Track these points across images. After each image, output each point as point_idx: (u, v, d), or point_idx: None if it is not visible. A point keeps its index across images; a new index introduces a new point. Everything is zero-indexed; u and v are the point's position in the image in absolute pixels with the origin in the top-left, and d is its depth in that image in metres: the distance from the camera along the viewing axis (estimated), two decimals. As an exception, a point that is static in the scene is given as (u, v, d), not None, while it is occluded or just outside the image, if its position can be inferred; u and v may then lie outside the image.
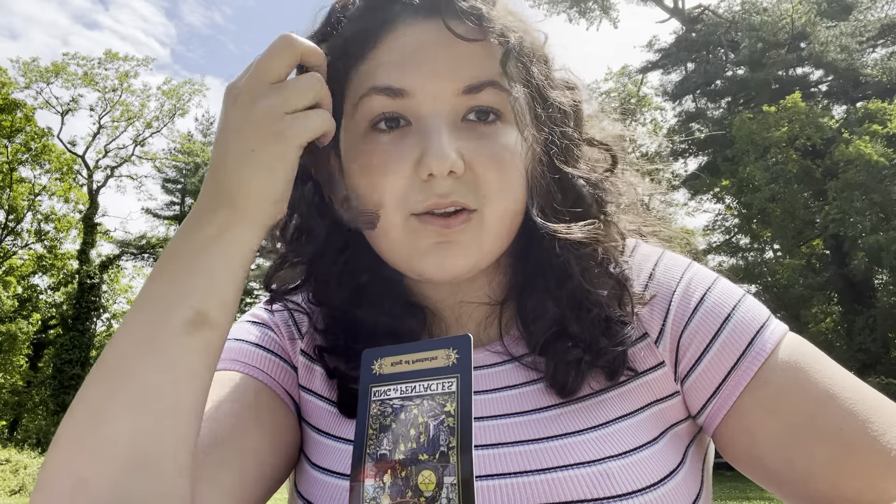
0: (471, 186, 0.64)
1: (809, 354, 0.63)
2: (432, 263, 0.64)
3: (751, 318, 0.65)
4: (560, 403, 0.65)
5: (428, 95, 0.63)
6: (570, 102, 0.72)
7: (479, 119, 0.65)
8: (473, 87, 0.63)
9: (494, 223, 0.65)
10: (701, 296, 0.67)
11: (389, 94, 0.63)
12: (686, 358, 0.66)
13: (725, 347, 0.64)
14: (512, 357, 0.71)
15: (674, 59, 23.25)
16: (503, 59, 0.64)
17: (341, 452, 0.68)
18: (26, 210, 28.02)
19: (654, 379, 0.66)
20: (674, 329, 0.66)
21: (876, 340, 16.76)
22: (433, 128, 0.62)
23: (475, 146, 0.64)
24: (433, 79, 0.63)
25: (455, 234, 0.63)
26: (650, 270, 0.70)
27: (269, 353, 0.74)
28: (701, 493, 0.64)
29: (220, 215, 0.57)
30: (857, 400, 0.60)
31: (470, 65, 0.64)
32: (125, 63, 28.89)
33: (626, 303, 0.67)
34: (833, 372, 0.62)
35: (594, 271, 0.67)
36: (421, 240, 0.64)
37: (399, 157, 0.63)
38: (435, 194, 0.63)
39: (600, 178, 0.72)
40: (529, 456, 0.61)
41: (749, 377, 0.62)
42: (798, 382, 0.61)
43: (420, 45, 0.64)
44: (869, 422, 0.58)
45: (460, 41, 0.63)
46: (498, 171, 0.64)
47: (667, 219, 0.83)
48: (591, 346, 0.66)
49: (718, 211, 22.95)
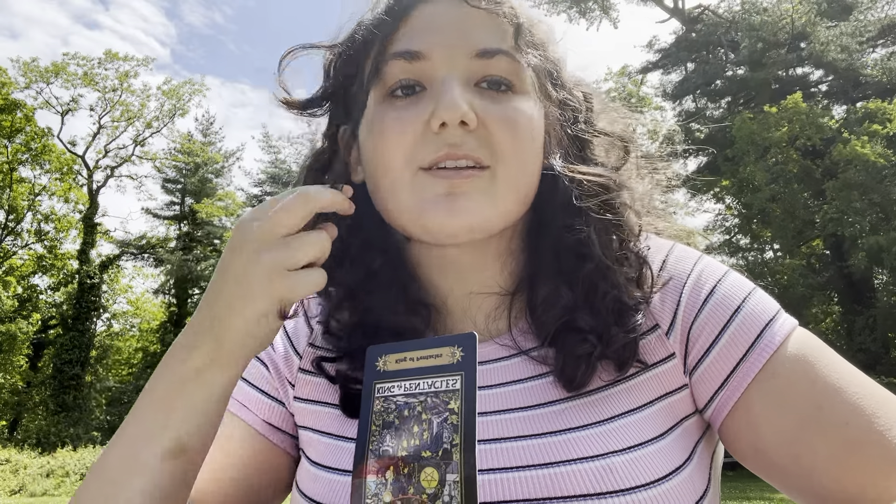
0: (484, 142, 0.64)
1: (818, 349, 0.63)
2: (441, 215, 0.64)
3: (760, 311, 0.65)
4: (567, 398, 0.65)
5: (442, 58, 0.66)
6: (580, 95, 0.74)
7: (492, 88, 0.67)
8: (487, 51, 0.66)
9: (508, 181, 0.65)
10: (711, 287, 0.66)
11: (406, 56, 0.66)
12: (695, 349, 0.65)
13: (734, 339, 0.63)
14: (520, 350, 0.70)
15: (674, 59, 23.25)
16: (515, 32, 0.67)
17: (342, 450, 0.69)
18: (26, 210, 28.02)
19: (663, 371, 0.66)
20: (684, 320, 0.66)
21: (876, 340, 16.76)
22: (446, 84, 0.64)
23: (489, 106, 0.65)
24: (447, 42, 0.66)
25: (464, 184, 0.63)
26: (661, 261, 0.70)
27: (259, 393, 0.79)
28: (707, 491, 0.63)
29: (203, 352, 0.59)
30: (865, 395, 0.59)
31: (484, 33, 0.67)
32: (125, 63, 28.90)
33: (646, 282, 0.67)
34: (841, 367, 0.62)
35: (615, 245, 0.68)
36: (429, 191, 0.64)
37: (411, 116, 0.65)
38: (446, 144, 0.63)
39: (616, 165, 0.73)
40: (533, 450, 0.62)
41: (757, 369, 0.62)
42: (806, 376, 0.61)
43: (436, 18, 0.67)
44: (875, 416, 0.58)
45: (476, 13, 0.67)
46: (511, 133, 0.65)
47: (670, 217, 0.83)
48: (601, 335, 0.65)
49: (719, 211, 22.96)
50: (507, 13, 0.67)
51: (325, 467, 0.69)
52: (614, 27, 23.82)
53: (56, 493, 15.13)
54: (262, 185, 32.05)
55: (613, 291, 0.66)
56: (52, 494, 14.98)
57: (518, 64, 0.67)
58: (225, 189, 32.19)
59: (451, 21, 0.67)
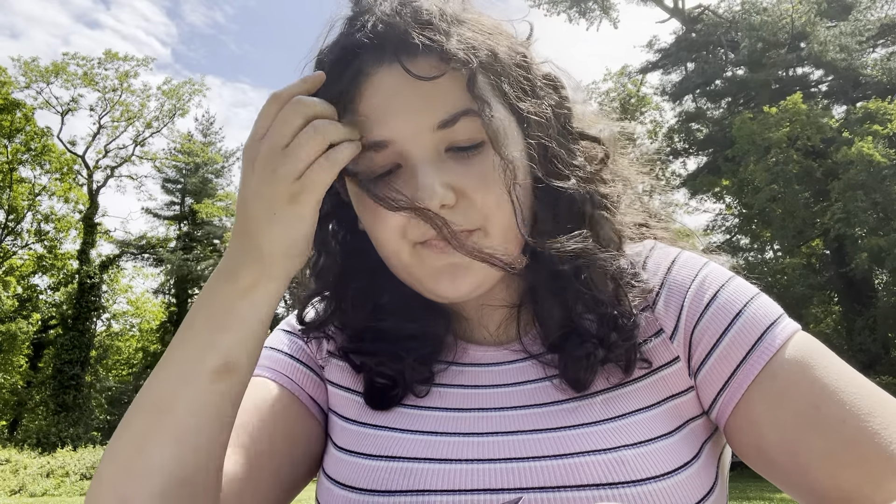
0: (467, 211, 0.66)
1: (818, 351, 0.65)
2: (446, 285, 0.68)
3: (762, 315, 0.66)
4: (576, 397, 0.68)
5: (407, 138, 0.65)
6: (553, 103, 0.72)
7: (462, 151, 0.67)
8: (447, 121, 0.65)
9: (499, 235, 0.67)
10: (714, 292, 0.68)
11: (375, 148, 0.66)
12: (698, 352, 0.67)
13: (735, 342, 0.65)
14: (529, 355, 0.74)
15: (674, 59, 23.24)
16: (469, 84, 0.64)
17: (367, 437, 0.73)
18: (26, 210, 28.04)
19: (669, 374, 0.68)
20: (687, 324, 0.68)
21: (876, 340, 16.77)
22: (419, 167, 0.65)
23: (463, 173, 0.66)
24: (408, 122, 0.65)
25: (458, 252, 0.66)
26: (667, 268, 0.72)
27: (297, 363, 0.81)
28: (714, 488, 0.65)
29: (249, 271, 0.63)
30: (863, 395, 0.61)
31: (440, 100, 0.65)
32: (125, 63, 28.91)
33: (623, 298, 0.69)
34: (840, 368, 0.63)
35: (591, 274, 0.70)
36: (431, 263, 0.68)
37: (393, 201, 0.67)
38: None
39: (595, 171, 0.73)
40: (546, 443, 0.64)
41: (757, 370, 0.63)
42: (805, 377, 0.62)
43: (390, 92, 0.65)
44: (872, 416, 0.59)
45: (426, 83, 0.64)
46: (491, 193, 0.66)
47: (669, 217, 0.85)
48: (602, 340, 0.68)
49: (719, 211, 22.97)
50: (460, 63, 0.63)
51: (351, 452, 0.72)
52: (614, 27, 23.83)
53: (56, 493, 15.13)
54: (262, 185, 32.02)
55: (601, 308, 0.69)
56: (52, 494, 14.98)
57: (481, 117, 0.64)
58: (225, 189, 32.24)
59: (404, 96, 0.64)
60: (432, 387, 0.75)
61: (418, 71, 0.63)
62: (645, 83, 24.90)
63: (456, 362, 0.78)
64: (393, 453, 0.69)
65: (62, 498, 14.37)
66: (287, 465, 0.75)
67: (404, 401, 0.75)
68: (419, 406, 0.74)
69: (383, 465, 0.69)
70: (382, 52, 0.65)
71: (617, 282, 0.69)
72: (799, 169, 17.16)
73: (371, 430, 0.73)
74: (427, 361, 0.77)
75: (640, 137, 2.14)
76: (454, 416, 0.71)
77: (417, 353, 0.76)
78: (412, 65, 0.64)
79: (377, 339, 0.78)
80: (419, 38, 0.63)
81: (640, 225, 0.80)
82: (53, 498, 14.41)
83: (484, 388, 0.74)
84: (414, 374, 0.75)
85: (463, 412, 0.72)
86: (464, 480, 0.64)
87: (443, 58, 0.64)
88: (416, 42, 0.63)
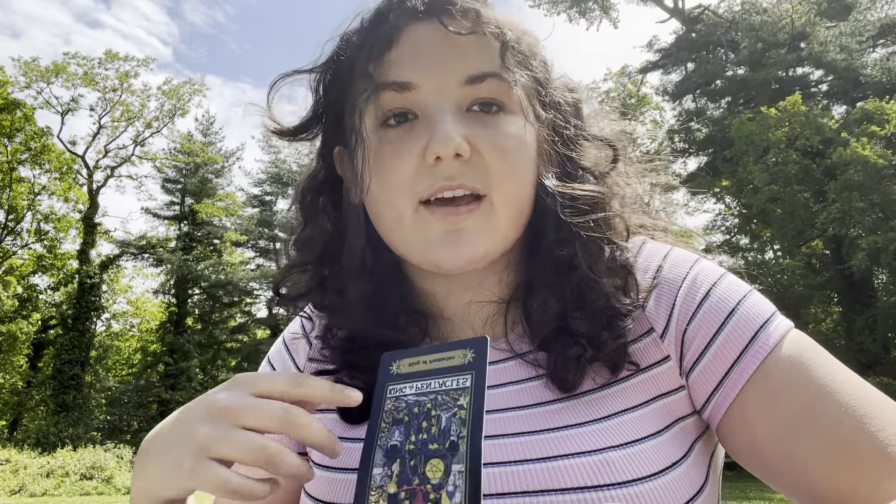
0: (478, 170, 0.66)
1: (812, 350, 0.64)
2: (446, 253, 0.66)
3: (756, 314, 0.65)
4: (562, 398, 0.66)
5: (432, 87, 0.66)
6: (570, 101, 0.75)
7: (483, 110, 0.68)
8: (475, 76, 0.66)
9: (504, 207, 0.67)
10: (707, 290, 0.67)
11: (397, 88, 0.66)
12: (690, 352, 0.66)
13: (729, 341, 0.64)
14: (515, 354, 0.72)
15: (674, 59, 23.24)
16: (501, 50, 0.67)
17: (346, 450, 0.69)
18: (26, 210, 28.02)
19: (659, 373, 0.67)
20: (678, 323, 0.67)
21: (876, 340, 16.76)
22: (438, 116, 0.65)
23: (481, 133, 0.66)
24: (437, 71, 0.66)
25: (464, 220, 0.66)
26: (657, 266, 0.71)
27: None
28: (704, 488, 0.64)
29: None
30: (858, 396, 0.60)
31: (471, 58, 0.67)
32: (125, 63, 28.89)
33: (632, 289, 0.68)
34: (835, 368, 0.63)
35: (600, 259, 0.69)
36: (432, 229, 0.66)
37: (407, 148, 0.66)
38: (442, 177, 0.65)
39: (604, 173, 0.73)
40: (531, 446, 0.63)
41: (752, 370, 0.63)
42: (800, 377, 0.62)
43: (423, 44, 0.67)
44: (868, 417, 0.59)
45: (461, 38, 0.66)
46: (504, 158, 0.66)
47: (669, 217, 0.84)
48: (592, 340, 0.66)
49: (718, 211, 22.97)
50: (493, 31, 0.67)
51: (330, 468, 0.70)
52: (614, 27, 23.84)
53: (56, 493, 15.13)
54: (262, 184, 32.08)
55: (601, 300, 0.68)
56: (52, 494, 14.98)
57: (507, 83, 0.67)
58: (225, 189, 32.16)
59: (437, 48, 0.67)
60: None
61: (454, 27, 0.66)
62: (645, 83, 24.90)
63: None
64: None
65: (62, 498, 14.37)
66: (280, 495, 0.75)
67: None
68: None
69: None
70: (420, 12, 0.68)
71: (627, 269, 0.69)
72: (798, 169, 17.15)
73: (350, 443, 0.71)
74: None
75: (641, 137, 2.13)
76: None
77: None
78: (448, 21, 0.66)
79: (349, 350, 0.75)
80: (458, 2, 0.66)
81: (640, 226, 0.79)
82: (53, 498, 14.40)
83: None
84: None
85: None
86: None
87: (478, 21, 0.67)
88: (456, 5, 0.66)
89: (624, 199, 0.75)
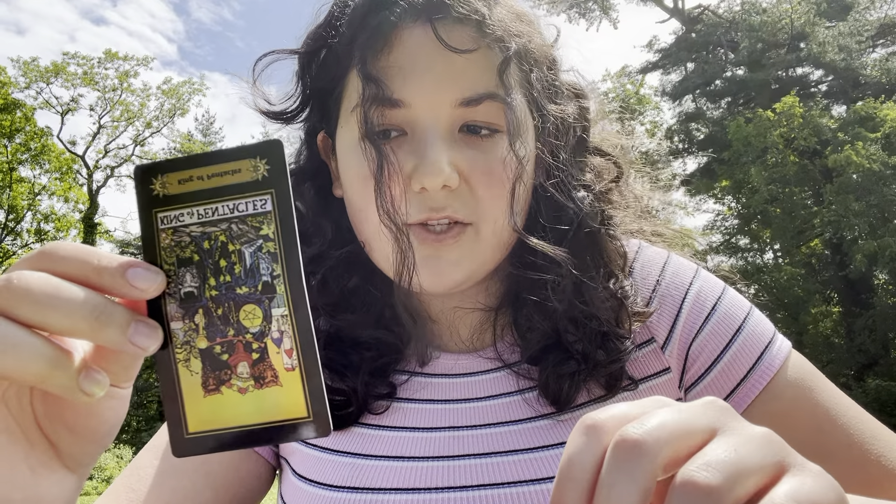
0: (465, 200, 0.62)
1: (812, 372, 0.65)
2: (426, 276, 0.63)
3: (761, 332, 0.66)
4: (555, 412, 0.64)
5: (425, 106, 0.61)
6: (574, 111, 0.69)
7: (476, 133, 0.63)
8: (471, 99, 0.61)
9: (489, 237, 0.64)
10: (713, 305, 0.66)
11: (387, 104, 0.61)
12: (696, 366, 0.65)
13: (736, 359, 0.64)
14: (504, 364, 0.69)
15: (673, 59, 23.23)
16: (500, 68, 0.61)
17: (327, 463, 0.67)
18: (26, 210, 28.00)
19: (657, 385, 0.65)
20: (683, 336, 0.66)
21: (875, 341, 16.74)
22: (429, 140, 0.61)
23: (471, 157, 0.62)
24: (430, 90, 0.60)
25: (447, 248, 0.62)
26: (657, 275, 0.69)
27: None
28: None
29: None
30: (862, 420, 0.62)
31: (468, 76, 0.61)
32: (125, 63, 28.88)
33: (624, 320, 0.65)
34: (833, 391, 0.64)
35: (589, 287, 0.65)
36: (412, 251, 0.63)
37: (393, 171, 0.61)
38: (428, 208, 0.62)
39: (605, 189, 0.70)
40: (524, 465, 0.61)
41: (759, 390, 0.63)
42: (807, 400, 0.62)
43: (418, 54, 0.61)
44: (875, 439, 0.60)
45: (459, 55, 0.60)
46: (493, 187, 0.62)
47: (668, 220, 0.83)
48: (587, 357, 0.63)
49: (718, 211, 22.96)
50: (496, 39, 0.61)
51: (311, 481, 0.67)
52: (614, 27, 23.82)
53: (56, 492, 15.11)
54: (261, 185, 32.00)
55: (592, 323, 0.64)
56: (52, 494, 14.97)
57: (504, 105, 0.61)
58: (225, 189, 32.12)
59: (432, 62, 0.60)
60: (393, 402, 0.68)
61: (452, 41, 0.59)
62: (644, 83, 24.90)
63: (420, 372, 0.71)
64: (355, 484, 0.63)
65: (62, 498, 14.34)
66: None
67: (362, 419, 0.67)
68: (380, 426, 0.67)
69: (344, 497, 0.62)
70: (417, 11, 0.60)
71: (619, 300, 0.65)
72: (796, 170, 17.15)
73: (332, 455, 0.66)
74: (384, 373, 0.69)
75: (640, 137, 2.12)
76: (422, 437, 0.65)
77: (373, 365, 0.69)
78: (446, 32, 0.60)
79: (326, 347, 0.69)
80: (459, 5, 0.59)
81: (637, 231, 0.77)
82: (53, 498, 14.38)
83: (454, 402, 0.67)
84: (369, 389, 0.67)
85: (432, 432, 0.65)
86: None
87: (479, 32, 0.60)
88: (456, 8, 0.59)
89: (627, 210, 0.72)
